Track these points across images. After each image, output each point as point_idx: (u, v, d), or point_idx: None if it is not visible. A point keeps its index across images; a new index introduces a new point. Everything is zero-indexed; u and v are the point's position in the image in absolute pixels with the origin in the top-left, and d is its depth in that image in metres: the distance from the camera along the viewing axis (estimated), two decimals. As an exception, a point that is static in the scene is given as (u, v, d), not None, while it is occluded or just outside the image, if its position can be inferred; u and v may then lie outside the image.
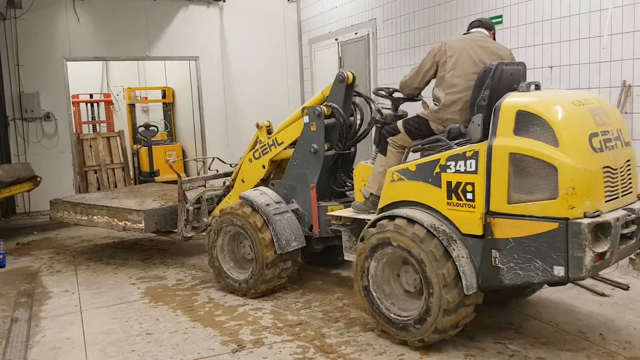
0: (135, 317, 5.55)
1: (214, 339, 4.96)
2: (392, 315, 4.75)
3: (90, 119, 13.84)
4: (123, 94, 13.79)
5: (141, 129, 12.39)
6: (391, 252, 4.73)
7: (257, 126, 6.47)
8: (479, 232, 4.36)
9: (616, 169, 4.19)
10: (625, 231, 4.08)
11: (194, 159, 7.69)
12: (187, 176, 12.29)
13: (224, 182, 7.11)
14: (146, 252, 8.13)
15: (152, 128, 12.37)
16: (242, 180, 6.62)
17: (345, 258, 5.47)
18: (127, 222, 7.12)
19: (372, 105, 5.92)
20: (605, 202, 4.08)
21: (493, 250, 4.29)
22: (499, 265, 4.28)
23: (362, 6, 10.22)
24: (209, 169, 7.65)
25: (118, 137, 12.33)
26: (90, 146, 11.91)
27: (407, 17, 9.06)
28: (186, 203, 6.98)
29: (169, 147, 12.67)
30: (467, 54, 4.73)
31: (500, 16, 7.32)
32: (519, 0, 7.13)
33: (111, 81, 14.54)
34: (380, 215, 4.86)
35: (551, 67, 6.79)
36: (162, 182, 11.59)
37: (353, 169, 6.01)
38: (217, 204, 6.98)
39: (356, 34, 10.47)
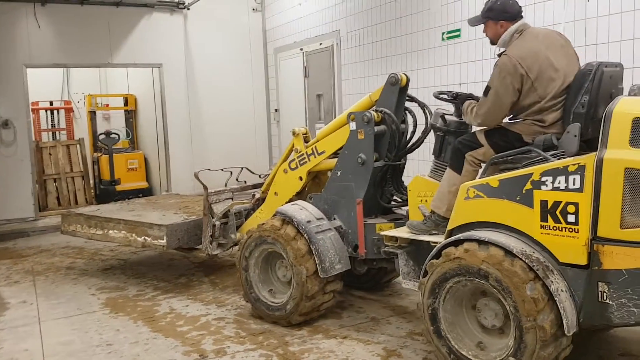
0: (95, 328, 4.94)
1: (175, 349, 4.43)
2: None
3: (50, 127, 12.02)
4: (84, 101, 12.06)
5: (102, 137, 10.73)
6: (466, 284, 3.55)
7: (293, 133, 5.16)
8: (583, 262, 3.24)
9: None
10: None
11: (222, 169, 6.13)
12: (150, 185, 10.86)
13: (253, 195, 5.76)
14: (106, 262, 7.13)
15: (113, 136, 10.71)
16: (275, 192, 5.30)
17: (404, 286, 4.21)
18: (146, 238, 5.79)
19: (426, 110, 4.72)
20: None
21: (600, 284, 3.20)
22: (607, 301, 3.19)
23: (326, 18, 9.15)
24: (237, 179, 6.22)
25: (78, 145, 10.71)
26: (50, 154, 10.35)
27: (369, 29, 8.12)
28: (212, 217, 5.60)
29: (131, 155, 11.02)
30: (548, 65, 3.52)
31: (459, 30, 6.60)
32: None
33: (72, 88, 12.75)
34: (448, 240, 3.62)
35: None
36: (121, 190, 10.30)
37: (403, 182, 4.81)
38: (246, 219, 5.66)
39: (321, 44, 9.32)
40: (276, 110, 10.79)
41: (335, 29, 8.83)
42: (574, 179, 3.20)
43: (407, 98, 4.71)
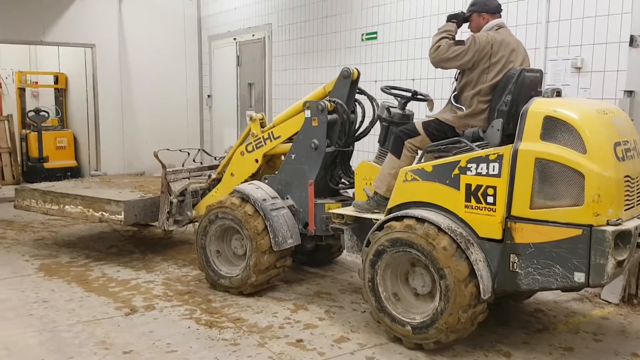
0: (31, 288, 5.11)
1: (108, 305, 4.74)
2: (402, 318, 3.96)
3: (-23, 103, 11.53)
4: (13, 78, 11.53)
5: (31, 114, 10.44)
6: (401, 254, 3.93)
7: (250, 118, 5.34)
8: (498, 236, 3.68)
9: (635, 179, 3.64)
10: (639, 240, 3.52)
11: (179, 150, 6.16)
12: (79, 164, 10.73)
13: (209, 176, 5.85)
14: (37, 233, 7.12)
15: (42, 113, 10.43)
16: (232, 173, 5.45)
17: (347, 258, 4.58)
18: (104, 213, 5.77)
19: (374, 103, 5.01)
20: (625, 210, 3.52)
21: (512, 255, 3.63)
22: (517, 270, 3.64)
23: (259, 10, 9.38)
24: (194, 160, 6.28)
25: (6, 122, 10.35)
26: (-23, 130, 10.00)
27: (299, 25, 8.47)
28: (170, 195, 5.68)
29: (60, 134, 10.76)
30: (509, 62, 3.96)
31: (376, 32, 7.11)
32: (391, 20, 6.93)
33: (1, 64, 12.10)
34: (389, 216, 4.03)
35: (413, 80, 6.59)
36: (49, 168, 10.09)
37: (351, 167, 5.11)
38: (202, 198, 5.78)
39: (253, 35, 9.55)
40: (209, 96, 10.89)
41: (268, 22, 9.06)
42: (494, 166, 3.62)
43: (357, 91, 5.02)
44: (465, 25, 4.28)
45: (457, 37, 4.11)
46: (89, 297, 4.86)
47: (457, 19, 4.20)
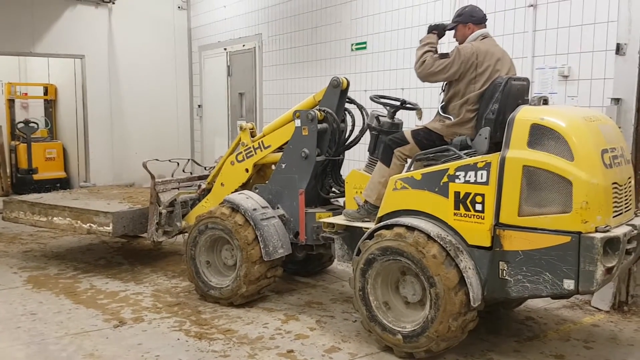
0: (19, 301, 5.09)
1: (96, 317, 4.72)
2: (393, 327, 3.95)
3: (-35, 114, 11.46)
4: (2, 89, 11.52)
5: (20, 125, 10.44)
6: (392, 263, 3.93)
7: (240, 128, 5.34)
8: (487, 244, 3.70)
9: (622, 186, 3.68)
10: (628, 247, 3.55)
11: (169, 160, 6.11)
12: (68, 175, 10.71)
13: (199, 186, 5.84)
14: (26, 245, 7.11)
15: (32, 125, 10.45)
16: (222, 183, 5.45)
17: (339, 267, 4.72)
18: (92, 225, 5.76)
19: (364, 112, 5.04)
20: (613, 217, 3.54)
21: (501, 262, 3.65)
22: (506, 277, 3.66)
23: (249, 21, 9.44)
24: (183, 170, 6.27)
25: (-5, 133, 10.39)
26: (-35, 141, 9.99)
27: (289, 35, 8.54)
28: (159, 205, 5.65)
29: (50, 145, 10.74)
30: (495, 71, 3.98)
31: (365, 42, 7.18)
32: (380, 30, 6.98)
33: (-11, 75, 12.27)
34: (379, 225, 4.04)
35: (402, 89, 6.63)
36: (39, 180, 10.07)
37: (341, 176, 5.12)
38: (192, 208, 5.75)
39: (244, 45, 9.61)
40: (199, 106, 10.94)
41: (258, 32, 9.13)
42: (482, 174, 3.65)
43: (347, 100, 5.04)
44: (451, 35, 4.32)
45: (444, 47, 4.14)
46: (77, 310, 4.84)
47: (438, 30, 4.23)
